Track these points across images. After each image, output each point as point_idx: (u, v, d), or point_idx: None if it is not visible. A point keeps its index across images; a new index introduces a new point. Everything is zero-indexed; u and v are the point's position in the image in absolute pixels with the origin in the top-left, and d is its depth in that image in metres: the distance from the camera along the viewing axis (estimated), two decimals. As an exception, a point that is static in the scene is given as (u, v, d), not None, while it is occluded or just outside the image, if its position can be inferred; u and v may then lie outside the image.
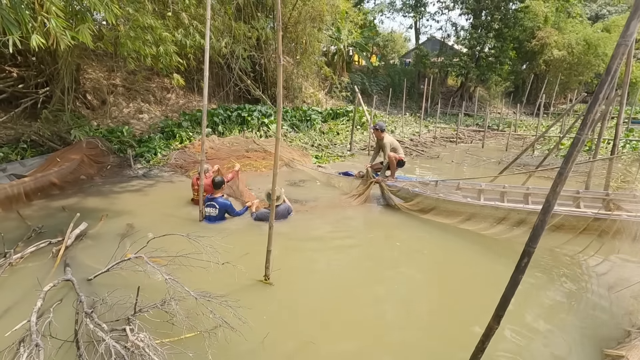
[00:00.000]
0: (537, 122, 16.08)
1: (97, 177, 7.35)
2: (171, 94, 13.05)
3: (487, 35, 21.21)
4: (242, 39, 11.55)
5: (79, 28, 4.28)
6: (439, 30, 30.74)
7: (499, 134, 16.57)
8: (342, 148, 11.67)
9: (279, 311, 3.20)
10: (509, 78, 25.12)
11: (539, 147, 12.48)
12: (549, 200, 1.69)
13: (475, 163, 10.66)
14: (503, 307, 2.00)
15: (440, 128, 16.93)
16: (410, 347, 2.84)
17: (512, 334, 2.92)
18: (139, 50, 6.54)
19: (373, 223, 5.71)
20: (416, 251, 4.65)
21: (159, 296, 2.86)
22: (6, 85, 8.38)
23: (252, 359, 2.58)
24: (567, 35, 23.03)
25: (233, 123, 11.33)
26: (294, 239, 4.77)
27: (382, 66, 24.92)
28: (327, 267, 4.13)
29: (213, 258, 3.33)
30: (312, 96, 16.64)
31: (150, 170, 8.12)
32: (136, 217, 5.26)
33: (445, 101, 22.49)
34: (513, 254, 3.95)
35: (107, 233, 4.68)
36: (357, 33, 19.68)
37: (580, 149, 1.58)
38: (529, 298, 3.53)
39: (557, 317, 3.24)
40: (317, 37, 14.68)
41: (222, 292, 3.05)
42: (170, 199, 6.26)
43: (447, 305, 3.49)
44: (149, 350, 2.06)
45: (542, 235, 1.82)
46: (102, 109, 10.65)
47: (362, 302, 3.44)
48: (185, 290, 2.76)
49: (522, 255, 1.86)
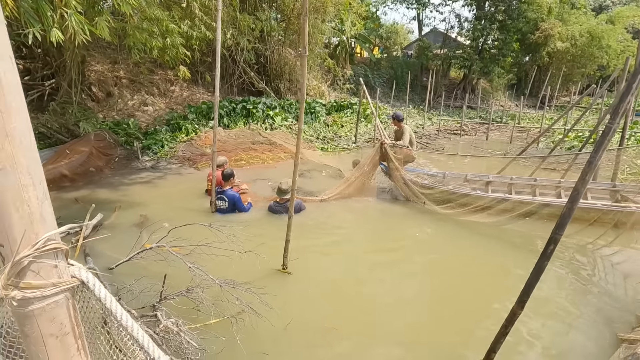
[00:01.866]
0: (541, 114, 16.08)
1: (106, 169, 7.38)
2: (175, 86, 13.01)
3: (491, 26, 21.05)
4: (247, 31, 11.49)
5: (97, 21, 4.28)
6: (442, 21, 30.52)
7: (503, 127, 16.57)
8: (347, 140, 11.68)
9: (299, 299, 3.27)
10: (512, 70, 24.99)
11: (543, 140, 12.49)
12: (577, 188, 1.73)
13: (482, 155, 10.70)
14: (527, 292, 2.06)
15: (444, 121, 16.92)
16: (428, 331, 2.91)
17: (529, 319, 3.00)
18: (146, 42, 6.52)
19: (384, 214, 5.76)
20: (430, 240, 4.72)
21: (179, 284, 2.93)
22: (12, 78, 8.36)
23: (277, 344, 2.66)
24: (570, 26, 22.87)
25: (238, 115, 11.33)
26: (308, 229, 4.83)
27: (385, 58, 24.78)
28: (342, 256, 4.20)
29: (232, 248, 3.38)
30: (315, 88, 16.59)
31: (158, 162, 8.15)
32: (149, 208, 5.31)
33: (448, 94, 22.38)
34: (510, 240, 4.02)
35: (121, 224, 4.74)
36: (360, 25, 19.54)
37: (611, 137, 1.61)
38: (544, 284, 3.60)
39: (573, 303, 3.33)
40: (321, 29, 14.57)
41: (242, 281, 3.11)
42: (181, 190, 6.31)
43: (464, 292, 3.57)
44: (184, 334, 2.12)
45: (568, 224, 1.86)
46: (107, 102, 10.64)
47: (378, 289, 3.51)
48: (210, 277, 2.82)
49: (549, 242, 1.91)
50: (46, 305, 0.80)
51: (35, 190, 0.77)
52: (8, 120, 0.71)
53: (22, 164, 0.74)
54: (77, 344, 0.88)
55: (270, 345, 2.61)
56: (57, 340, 0.83)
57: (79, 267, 0.88)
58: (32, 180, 0.76)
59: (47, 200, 0.81)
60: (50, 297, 0.80)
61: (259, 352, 2.52)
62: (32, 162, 0.76)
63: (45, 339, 0.81)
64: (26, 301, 0.78)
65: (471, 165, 9.28)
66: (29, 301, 0.78)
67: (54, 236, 0.80)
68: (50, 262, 0.80)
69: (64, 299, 0.83)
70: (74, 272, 0.86)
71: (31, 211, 0.77)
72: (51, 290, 0.80)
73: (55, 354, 0.83)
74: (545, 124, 13.98)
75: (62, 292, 0.82)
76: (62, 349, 0.84)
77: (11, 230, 0.75)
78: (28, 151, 0.75)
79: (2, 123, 0.70)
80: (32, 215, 0.77)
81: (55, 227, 0.82)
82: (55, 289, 0.81)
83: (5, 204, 0.73)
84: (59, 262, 0.83)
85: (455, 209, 5.38)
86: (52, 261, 0.81)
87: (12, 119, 0.72)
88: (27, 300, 0.77)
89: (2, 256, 0.78)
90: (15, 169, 0.73)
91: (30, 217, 0.77)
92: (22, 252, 0.76)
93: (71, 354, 0.86)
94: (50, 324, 0.81)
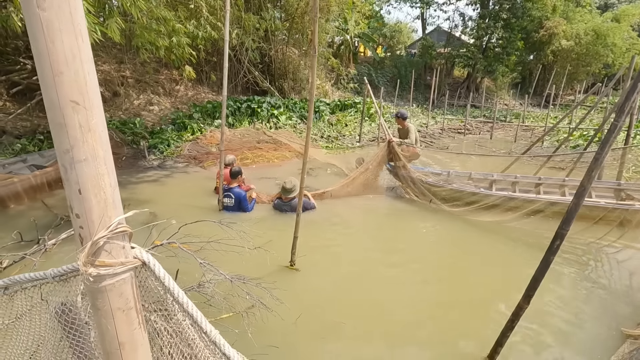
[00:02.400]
0: (545, 113, 16.02)
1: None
2: (180, 85, 13.11)
3: (495, 25, 20.97)
4: (252, 31, 11.55)
5: (108, 23, 4.35)
6: (447, 20, 30.40)
7: (507, 126, 16.53)
8: (351, 139, 11.72)
9: (308, 294, 3.32)
10: (516, 69, 24.87)
11: (547, 139, 12.47)
12: (583, 184, 1.78)
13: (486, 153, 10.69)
14: (533, 287, 2.10)
15: (448, 119, 16.91)
16: (435, 326, 2.96)
17: (534, 313, 3.04)
18: (154, 42, 6.60)
19: (390, 212, 5.81)
20: (436, 238, 4.76)
21: (191, 280, 3.00)
22: (21, 77, 8.48)
23: (287, 337, 2.72)
24: (575, 25, 22.72)
25: (243, 115, 11.40)
26: (314, 226, 4.89)
27: (388, 57, 24.76)
28: (349, 253, 4.25)
29: (242, 244, 3.44)
30: (319, 88, 16.64)
31: (164, 161, 8.23)
32: (157, 206, 5.39)
33: (451, 92, 22.33)
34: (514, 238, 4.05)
35: (131, 221, 4.79)
36: (364, 24, 19.55)
37: (617, 135, 1.65)
38: (548, 280, 3.63)
39: (578, 299, 3.37)
40: (324, 28, 14.62)
41: (252, 277, 3.17)
42: (188, 189, 6.39)
43: (470, 288, 3.61)
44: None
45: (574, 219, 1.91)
46: (113, 101, 10.75)
47: (384, 285, 3.56)
48: (220, 273, 2.87)
49: (555, 238, 1.95)
50: (116, 282, 0.90)
51: (110, 178, 0.86)
52: (91, 116, 0.80)
53: (100, 155, 0.83)
54: (139, 318, 0.98)
55: (281, 339, 2.68)
56: (124, 314, 0.94)
57: (140, 249, 0.98)
58: (107, 169, 0.85)
59: (117, 187, 0.90)
60: (120, 274, 0.90)
61: (270, 346, 2.58)
62: (107, 154, 0.85)
63: (114, 312, 0.92)
64: (100, 277, 0.87)
65: (475, 163, 9.29)
66: (102, 277, 0.87)
67: (123, 220, 0.90)
68: (120, 243, 0.91)
69: (129, 276, 0.94)
70: (136, 253, 0.96)
71: (106, 197, 0.86)
72: (120, 268, 0.90)
73: (122, 326, 0.94)
74: (550, 123, 13.94)
75: (128, 270, 0.93)
76: (127, 322, 0.95)
77: (90, 214, 0.84)
78: (104, 143, 0.84)
79: (87, 119, 0.79)
80: (107, 200, 0.86)
81: (122, 212, 0.92)
82: (123, 268, 0.90)
83: (86, 191, 0.82)
84: (126, 244, 0.93)
85: (460, 207, 5.42)
86: (121, 242, 0.91)
87: (94, 114, 0.81)
88: (101, 276, 0.87)
89: (82, 237, 0.86)
90: (95, 159, 0.82)
91: (106, 203, 0.86)
92: (99, 234, 0.85)
93: (134, 326, 0.97)
94: (119, 299, 0.92)
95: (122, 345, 0.96)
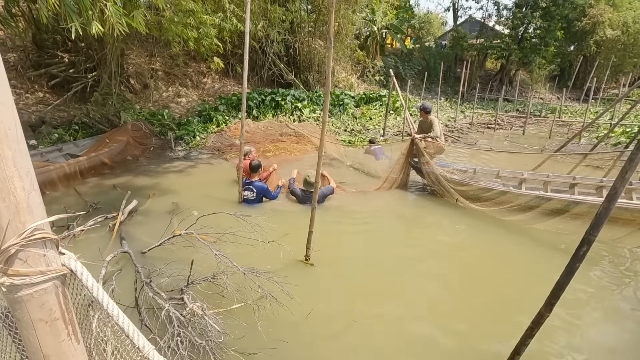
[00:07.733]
0: (585, 108, 15.06)
1: (142, 158, 7.75)
2: (207, 78, 13.36)
3: (533, 14, 19.82)
4: (277, 23, 11.54)
5: (133, 14, 4.46)
6: (479, 9, 29.07)
7: (542, 121, 15.69)
8: (375, 133, 11.53)
9: (321, 290, 3.30)
10: (555, 60, 23.47)
11: (585, 135, 11.72)
12: (615, 187, 1.62)
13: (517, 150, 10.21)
14: (556, 294, 1.97)
15: (478, 114, 16.26)
16: (452, 328, 2.86)
17: (559, 320, 2.87)
18: (182, 34, 6.73)
19: (413, 208, 5.68)
20: (459, 236, 4.60)
21: (205, 270, 3.05)
22: (59, 70, 8.92)
23: (297, 333, 2.71)
24: (623, 12, 21.10)
25: (267, 107, 11.47)
26: (331, 220, 4.85)
27: (417, 49, 24.06)
28: (367, 249, 4.18)
29: (257, 237, 3.47)
30: (344, 80, 16.44)
31: (189, 152, 8.44)
32: (180, 196, 5.54)
33: (483, 85, 21.43)
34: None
35: (155, 210, 4.97)
36: (392, 15, 19.05)
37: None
38: (576, 286, 3.43)
39: (606, 299, 3.17)
40: (351, 20, 14.36)
41: (265, 270, 3.19)
42: (210, 180, 6.52)
43: (492, 291, 3.46)
44: (208, 318, 2.22)
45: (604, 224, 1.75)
46: (143, 93, 11.12)
47: (401, 285, 3.48)
48: (234, 265, 2.91)
49: (581, 243, 1.81)
50: (34, 292, 0.83)
51: (22, 181, 0.79)
52: None
53: (7, 156, 0.75)
54: (68, 330, 0.91)
55: (291, 334, 2.67)
56: (47, 325, 0.87)
57: (70, 256, 0.91)
58: (18, 171, 0.78)
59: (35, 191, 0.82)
60: (39, 284, 0.83)
61: (279, 340, 2.58)
62: (18, 154, 0.77)
63: (35, 324, 0.85)
64: (15, 287, 0.81)
65: (505, 160, 8.88)
66: (17, 287, 0.81)
67: (41, 226, 0.82)
68: (38, 251, 0.83)
69: (52, 286, 0.86)
70: (65, 261, 0.89)
71: (17, 201, 0.78)
72: (39, 278, 0.83)
73: (45, 338, 0.87)
74: (589, 118, 13.08)
75: (50, 279, 0.86)
76: (51, 334, 0.88)
77: None
78: (14, 143, 0.76)
79: None
80: (18, 205, 0.78)
81: (44, 217, 0.84)
82: (43, 277, 0.84)
83: (-9, 195, 0.75)
84: (48, 251, 0.85)
85: (488, 206, 5.19)
86: (40, 250, 0.84)
87: None
88: (15, 286, 0.81)
89: None
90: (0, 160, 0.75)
91: (17, 207, 0.78)
92: (9, 241, 0.78)
93: (61, 338, 0.90)
94: (40, 310, 0.85)
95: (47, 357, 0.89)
